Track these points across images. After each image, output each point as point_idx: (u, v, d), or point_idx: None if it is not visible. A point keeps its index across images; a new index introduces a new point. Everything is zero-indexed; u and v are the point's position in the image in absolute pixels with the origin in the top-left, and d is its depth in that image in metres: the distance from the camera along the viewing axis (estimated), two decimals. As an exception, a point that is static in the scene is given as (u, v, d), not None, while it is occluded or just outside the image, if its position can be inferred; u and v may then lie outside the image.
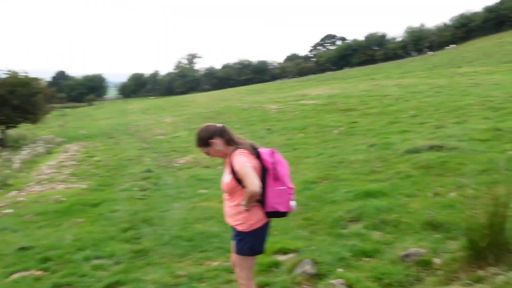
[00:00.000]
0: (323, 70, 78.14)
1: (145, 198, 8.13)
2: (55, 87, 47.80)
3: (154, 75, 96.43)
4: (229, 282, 3.96)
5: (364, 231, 4.64)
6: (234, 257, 3.11)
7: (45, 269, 4.74)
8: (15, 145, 21.22)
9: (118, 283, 4.23)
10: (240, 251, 2.98)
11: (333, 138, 11.77)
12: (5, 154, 16.84)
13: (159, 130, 20.87)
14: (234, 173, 2.84)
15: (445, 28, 73.28)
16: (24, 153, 17.01)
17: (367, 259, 3.98)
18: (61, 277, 4.48)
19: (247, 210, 2.85)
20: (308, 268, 3.83)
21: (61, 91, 68.39)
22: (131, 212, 6.99)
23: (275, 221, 3.68)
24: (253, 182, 2.70)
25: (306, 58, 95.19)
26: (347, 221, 5.06)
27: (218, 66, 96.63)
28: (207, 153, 3.06)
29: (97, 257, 4.99)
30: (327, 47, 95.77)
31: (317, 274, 3.80)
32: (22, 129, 25.44)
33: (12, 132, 24.05)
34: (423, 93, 17.75)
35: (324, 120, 15.19)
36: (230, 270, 3.87)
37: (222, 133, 3.01)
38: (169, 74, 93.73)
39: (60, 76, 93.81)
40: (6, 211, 7.96)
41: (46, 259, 5.01)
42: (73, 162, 14.52)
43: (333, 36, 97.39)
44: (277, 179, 2.88)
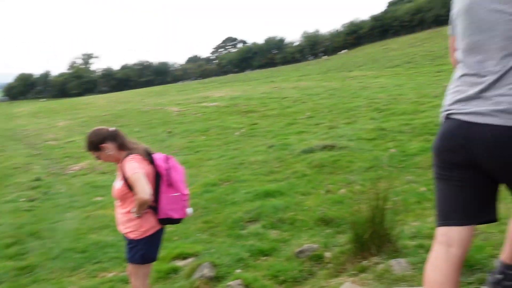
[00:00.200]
0: (225, 72, 78.98)
1: (33, 209, 7.51)
2: None
3: (45, 76, 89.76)
4: (125, 293, 3.80)
5: (262, 231, 4.76)
6: (129, 266, 2.99)
7: None
8: None
9: (-1, 305, 3.86)
10: (132, 259, 2.87)
11: (235, 140, 11.93)
12: None
13: (51, 135, 19.41)
14: (126, 179, 2.75)
15: (338, 34, 78.35)
16: None
17: (265, 258, 4.09)
18: None
19: (139, 217, 2.76)
20: (207, 272, 3.82)
21: None
22: (16, 226, 6.41)
23: (175, 226, 3.63)
24: (144, 189, 2.62)
25: (208, 60, 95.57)
26: (246, 222, 5.16)
27: (117, 67, 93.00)
28: (98, 158, 2.92)
29: (-26, 279, 4.49)
30: (229, 50, 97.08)
31: (216, 277, 3.81)
32: None
33: None
34: (319, 95, 18.79)
35: (226, 122, 15.34)
36: (126, 280, 3.72)
37: (115, 137, 2.88)
38: (63, 75, 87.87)
39: None
40: None
41: None
42: None
43: (234, 39, 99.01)
44: (171, 185, 2.83)
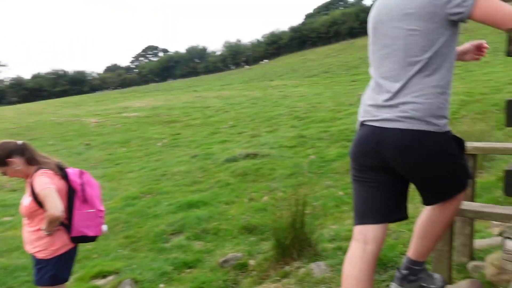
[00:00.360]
0: (147, 82, 77.19)
1: None
2: None
3: None
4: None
5: (186, 242, 4.70)
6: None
7: None
8: None
9: None
10: (40, 282, 2.67)
11: (157, 151, 11.69)
12: None
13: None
14: (35, 195, 2.58)
15: (258, 44, 79.99)
16: None
17: (189, 270, 4.04)
18: None
19: (49, 235, 2.59)
20: (128, 289, 3.70)
21: None
22: None
23: (94, 243, 3.45)
24: (55, 205, 2.48)
25: (128, 69, 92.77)
26: (169, 234, 5.07)
27: (28, 76, 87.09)
28: (4, 174, 2.72)
29: None
30: (149, 58, 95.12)
31: (138, 294, 3.70)
32: None
33: None
34: (241, 105, 19.01)
35: (148, 133, 14.98)
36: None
37: (23, 151, 2.70)
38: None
39: None
40: None
41: None
42: None
43: (155, 48, 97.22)
44: (86, 201, 2.70)
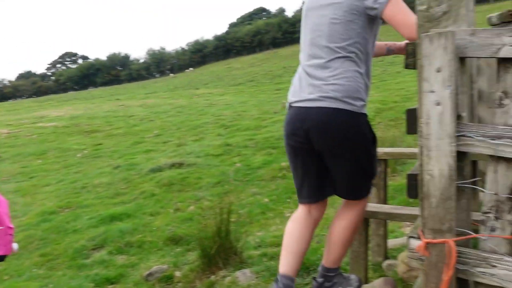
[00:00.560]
0: (65, 90, 73.43)
1: None
2: None
3: None
4: None
5: (108, 257, 4.51)
6: None
7: None
8: None
9: None
10: None
11: (76, 162, 11.11)
12: None
13: None
14: None
15: (183, 52, 79.45)
16: None
17: (111, 286, 3.88)
18: None
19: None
20: (45, 310, 3.47)
21: None
22: None
23: (4, 264, 3.20)
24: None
25: (44, 77, 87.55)
26: (90, 250, 4.83)
27: None
28: None
29: None
30: (68, 66, 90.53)
31: (56, 315, 3.48)
32: None
33: None
34: (166, 113, 18.69)
35: (66, 143, 14.19)
36: None
37: None
38: None
39: None
40: None
41: None
42: None
43: (74, 54, 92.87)
44: (-7, 219, 2.52)
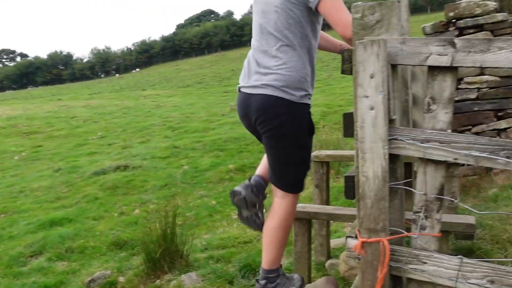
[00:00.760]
0: (2, 89, 69.50)
1: None
2: None
3: None
4: None
5: (47, 264, 4.32)
6: None
7: None
8: None
9: None
10: None
11: (14, 165, 10.54)
12: None
13: None
14: None
15: (129, 53, 77.55)
16: None
17: (50, 294, 3.73)
18: None
19: None
20: (-24, 323, 3.27)
21: None
22: None
23: None
24: None
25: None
26: (28, 257, 4.60)
27: None
28: None
29: None
30: (5, 63, 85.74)
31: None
32: None
33: None
34: (112, 114, 18.15)
35: (3, 145, 13.42)
36: None
37: None
38: None
39: None
40: None
41: None
42: None
43: (12, 52, 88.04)
44: None
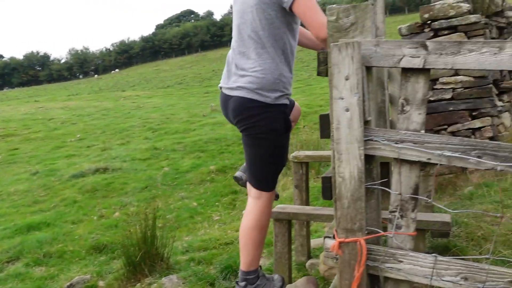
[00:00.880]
0: (-25, 90, 67.66)
1: None
2: None
3: None
4: None
5: (25, 270, 4.22)
6: None
7: None
8: None
9: None
10: None
11: (-12, 169, 10.29)
12: None
13: None
14: None
15: (108, 53, 76.55)
16: None
17: (28, 301, 3.65)
18: None
19: None
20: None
21: None
22: None
23: None
24: None
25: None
26: (4, 263, 4.50)
27: None
28: None
29: None
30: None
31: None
32: None
33: None
34: (90, 116, 17.88)
35: (-23, 149, 13.10)
36: None
37: None
38: None
39: None
40: None
41: None
42: None
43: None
44: None
